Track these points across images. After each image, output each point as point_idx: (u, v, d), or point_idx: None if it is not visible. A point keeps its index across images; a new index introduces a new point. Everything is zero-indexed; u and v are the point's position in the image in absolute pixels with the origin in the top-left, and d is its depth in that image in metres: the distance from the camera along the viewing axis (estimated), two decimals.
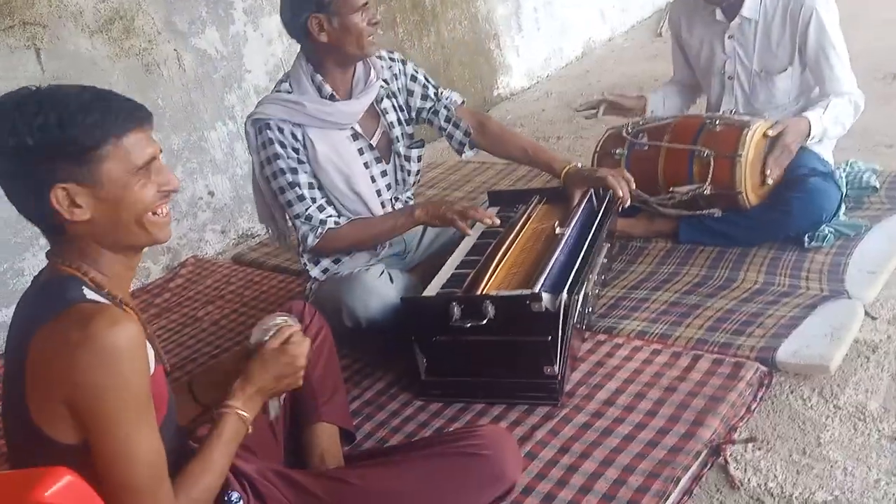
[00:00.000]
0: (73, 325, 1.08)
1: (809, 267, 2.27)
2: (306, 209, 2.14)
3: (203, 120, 3.38)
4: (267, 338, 1.41)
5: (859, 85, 2.48)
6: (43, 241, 2.92)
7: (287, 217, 2.25)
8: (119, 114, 1.15)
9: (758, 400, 1.87)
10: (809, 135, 2.34)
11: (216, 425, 1.29)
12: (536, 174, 3.32)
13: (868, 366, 1.93)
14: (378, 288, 2.08)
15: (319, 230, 2.15)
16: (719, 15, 2.53)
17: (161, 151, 1.26)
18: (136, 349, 1.11)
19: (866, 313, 2.07)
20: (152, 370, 1.19)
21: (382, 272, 2.16)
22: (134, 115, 1.17)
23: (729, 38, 2.54)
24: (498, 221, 2.08)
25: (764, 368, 1.92)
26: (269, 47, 3.61)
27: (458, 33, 4.59)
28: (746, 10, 2.46)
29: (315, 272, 2.27)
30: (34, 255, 2.88)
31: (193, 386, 1.53)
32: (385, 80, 2.29)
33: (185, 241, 3.36)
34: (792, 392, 1.89)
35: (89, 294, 1.16)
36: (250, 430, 1.33)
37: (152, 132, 1.24)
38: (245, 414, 1.31)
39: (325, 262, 2.28)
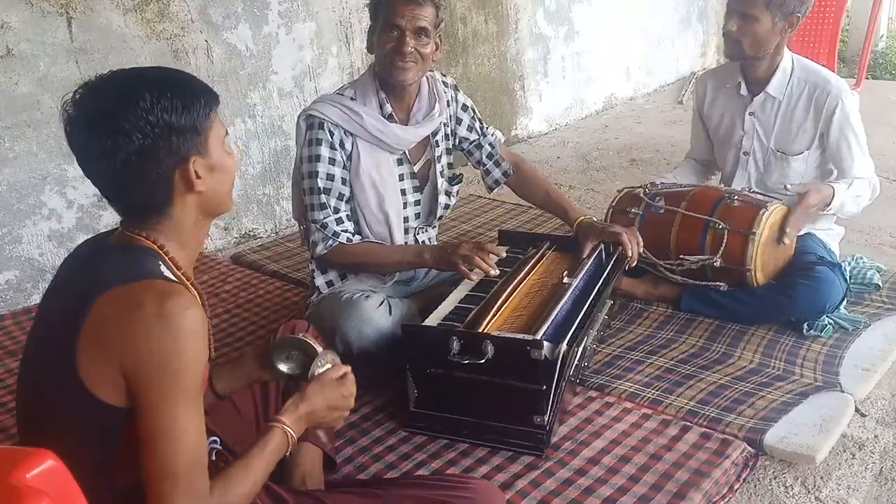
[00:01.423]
0: (149, 297, 1.10)
1: (806, 354, 2.28)
2: (325, 217, 2.13)
3: (223, 114, 3.30)
4: (325, 369, 1.42)
5: None
6: (46, 210, 2.92)
7: (306, 218, 2.22)
8: (210, 93, 1.24)
9: (741, 481, 1.85)
10: (829, 204, 2.36)
11: (263, 436, 1.28)
12: (546, 218, 3.32)
13: (853, 462, 1.93)
14: (375, 319, 2.06)
15: (331, 241, 2.13)
16: (743, 90, 2.56)
17: None
18: (202, 335, 1.14)
19: (857, 409, 2.08)
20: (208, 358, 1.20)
21: (383, 302, 2.14)
22: (215, 95, 1.25)
23: (750, 114, 2.57)
24: (497, 272, 2.05)
25: (751, 449, 1.91)
26: (300, 52, 3.62)
27: (485, 69, 4.63)
28: (772, 88, 2.50)
29: (319, 281, 2.25)
30: (34, 224, 2.85)
31: (213, 377, 1.52)
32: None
33: None
34: (775, 478, 1.88)
35: (166, 272, 1.18)
36: (288, 454, 1.33)
37: None
38: (292, 433, 1.31)
39: (332, 275, 2.25)
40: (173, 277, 1.18)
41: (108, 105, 1.14)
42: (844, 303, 2.41)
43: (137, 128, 1.13)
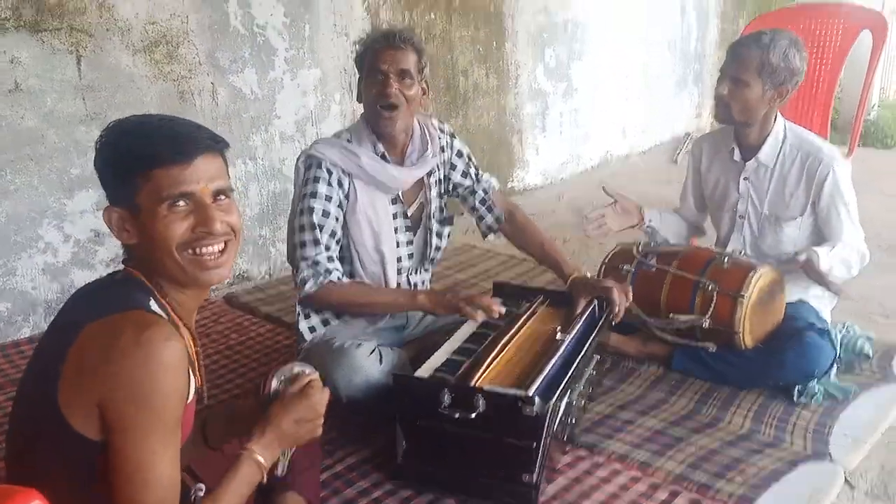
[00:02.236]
0: (128, 327, 1.10)
1: (796, 422, 2.27)
2: (316, 254, 2.12)
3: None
4: (281, 384, 1.40)
5: None
6: (42, 243, 2.92)
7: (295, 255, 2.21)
8: (162, 142, 1.18)
9: None
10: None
11: (232, 467, 1.26)
12: (541, 271, 3.34)
13: None
14: (365, 367, 2.05)
15: (322, 279, 2.11)
16: (737, 155, 2.60)
17: (221, 189, 1.28)
18: (181, 370, 1.13)
19: (846, 481, 2.06)
20: (189, 398, 1.19)
21: (374, 350, 2.13)
22: (180, 147, 1.19)
23: (744, 179, 2.61)
24: (503, 311, 2.09)
25: None
26: (303, 98, 3.67)
27: (484, 122, 4.70)
28: (763, 155, 2.54)
29: (303, 326, 2.24)
30: (30, 257, 2.85)
31: (207, 427, 1.50)
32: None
33: None
34: None
35: (154, 306, 1.18)
36: (265, 480, 1.30)
37: (215, 165, 1.26)
38: (261, 459, 1.29)
39: (315, 320, 2.24)
40: (160, 312, 1.18)
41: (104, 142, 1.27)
42: (835, 370, 2.41)
43: (98, 167, 1.27)
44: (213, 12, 3.27)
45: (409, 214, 2.28)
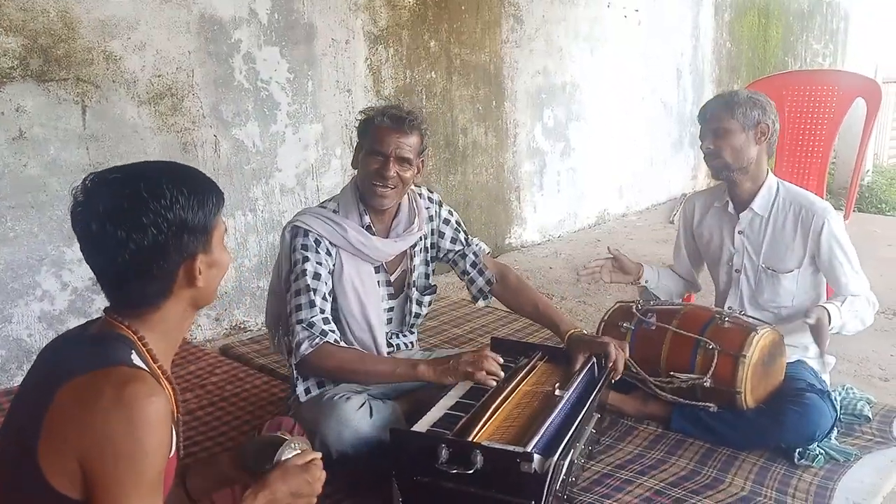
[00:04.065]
0: (109, 384, 1.08)
1: (797, 485, 2.24)
2: (312, 316, 2.11)
3: (225, 207, 3.41)
4: (290, 455, 1.38)
5: None
6: (39, 291, 2.91)
7: (289, 321, 2.20)
8: (219, 192, 1.28)
9: None
10: (830, 324, 2.36)
11: None
12: (536, 328, 3.32)
13: None
14: (354, 421, 2.04)
15: (317, 340, 2.09)
16: (731, 207, 2.63)
17: None
18: (165, 426, 1.11)
19: None
20: (172, 452, 1.17)
21: (363, 404, 2.11)
22: (222, 194, 1.28)
23: (739, 232, 2.63)
24: (502, 375, 2.08)
25: None
26: (304, 152, 3.72)
27: (482, 178, 4.76)
28: (757, 206, 2.57)
29: (299, 388, 2.22)
30: (27, 305, 2.84)
31: (187, 479, 1.47)
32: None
33: None
34: None
35: (136, 360, 1.16)
36: None
37: None
38: None
39: (310, 383, 2.22)
40: (142, 366, 1.16)
41: (129, 197, 1.16)
42: (835, 433, 2.39)
43: (154, 224, 1.16)
44: (218, 67, 3.33)
45: (391, 282, 2.31)
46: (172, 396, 1.25)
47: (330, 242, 2.18)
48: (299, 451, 1.40)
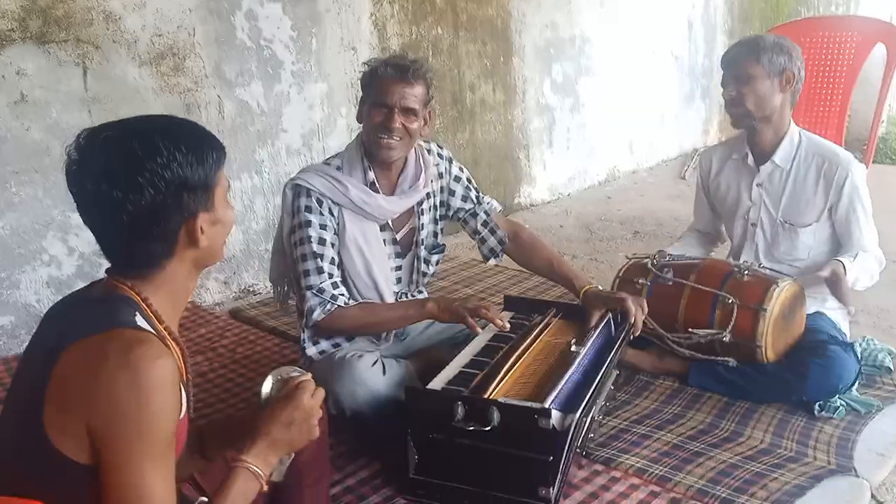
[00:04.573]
0: (114, 347, 1.05)
1: (818, 436, 2.21)
2: (321, 282, 2.09)
3: (230, 169, 3.37)
4: (270, 390, 1.34)
5: None
6: (46, 256, 2.88)
7: (299, 286, 2.18)
8: (220, 147, 1.22)
9: None
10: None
11: (225, 481, 1.21)
12: (549, 286, 3.29)
13: None
14: (368, 379, 2.02)
15: (329, 306, 2.08)
16: (750, 160, 2.56)
17: None
18: (172, 387, 1.08)
19: (873, 496, 2.00)
20: (182, 414, 1.14)
21: (376, 362, 2.09)
22: (224, 149, 1.23)
23: (757, 185, 2.56)
24: (508, 326, 2.05)
25: None
26: (310, 112, 3.65)
27: (491, 136, 4.68)
28: (778, 158, 2.50)
29: (312, 351, 2.19)
30: (34, 270, 2.81)
31: (203, 439, 1.45)
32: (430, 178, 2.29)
33: None
34: None
35: (140, 321, 1.12)
36: (265, 489, 1.25)
37: None
38: (256, 469, 1.23)
39: (325, 345, 2.20)
40: (147, 327, 1.13)
41: (123, 157, 1.11)
42: (856, 384, 2.35)
43: (151, 183, 1.11)
44: (219, 25, 3.25)
45: (398, 240, 2.25)
46: (180, 357, 1.21)
47: (332, 201, 2.12)
48: (280, 383, 1.35)
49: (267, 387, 1.35)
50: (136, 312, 1.14)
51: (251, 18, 3.36)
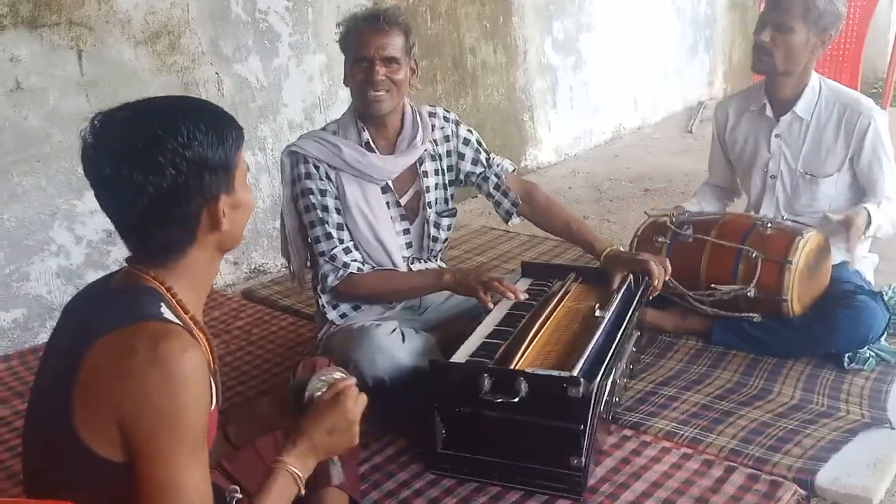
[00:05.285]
0: (142, 342, 1.02)
1: (849, 389, 2.18)
2: (332, 248, 2.09)
3: None
4: (319, 393, 1.32)
5: None
6: (54, 246, 2.83)
7: (308, 255, 2.19)
8: (238, 127, 1.19)
9: None
10: (868, 226, 2.27)
11: (266, 480, 1.20)
12: (564, 248, 3.24)
13: None
14: (387, 346, 2.00)
15: (342, 272, 2.09)
16: (769, 111, 2.49)
17: None
18: (202, 380, 1.06)
19: None
20: (213, 405, 1.12)
21: (395, 329, 2.07)
22: (241, 129, 1.20)
23: (776, 136, 2.49)
24: (522, 297, 2.01)
25: (802, 492, 1.80)
26: (310, 84, 3.57)
27: (494, 100, 4.59)
28: (800, 109, 2.43)
29: (332, 315, 2.18)
30: (42, 261, 2.77)
31: (228, 426, 1.44)
32: (435, 141, 2.24)
33: None
34: None
35: (166, 313, 1.09)
36: (303, 491, 1.23)
37: None
38: (296, 471, 1.21)
39: (345, 307, 2.19)
40: (174, 319, 1.09)
41: (143, 136, 1.07)
42: (885, 334, 2.31)
43: (172, 163, 1.07)
44: (213, 0, 3.16)
45: (402, 203, 2.21)
46: (207, 347, 1.18)
47: (328, 165, 2.10)
48: (325, 385, 1.32)
49: (312, 389, 1.32)
50: (162, 303, 1.10)
51: None
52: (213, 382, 1.14)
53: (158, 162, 1.06)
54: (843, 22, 2.33)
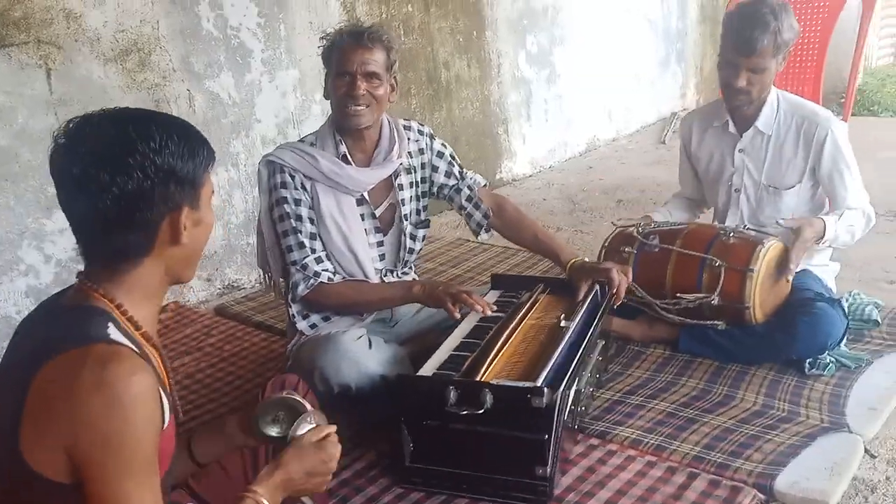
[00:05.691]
0: (88, 366, 1.01)
1: (809, 395, 2.22)
2: (304, 257, 2.11)
3: None
4: (305, 430, 1.34)
5: None
6: (23, 266, 2.81)
7: (284, 262, 2.20)
8: (210, 148, 1.20)
9: None
10: (823, 237, 2.32)
11: None
12: (537, 260, 3.28)
13: None
14: (352, 352, 2.01)
15: (312, 281, 2.11)
16: (731, 127, 2.54)
17: None
18: (151, 402, 1.05)
19: (866, 450, 2.01)
20: (166, 423, 1.11)
21: (361, 336, 2.09)
22: (213, 151, 1.22)
23: (739, 151, 2.55)
24: (490, 312, 2.03)
25: (761, 496, 1.83)
26: (283, 100, 3.59)
27: (468, 113, 4.63)
28: (761, 124, 2.48)
29: (302, 325, 2.20)
30: (11, 281, 2.75)
31: (193, 444, 1.43)
32: (410, 153, 2.27)
33: None
34: None
35: (114, 333, 1.08)
36: None
37: None
38: (265, 502, 1.22)
39: (315, 318, 2.21)
40: (122, 339, 1.09)
41: (115, 137, 1.08)
42: (845, 340, 2.36)
43: (141, 167, 1.07)
44: (184, 16, 3.18)
45: (377, 215, 2.24)
46: (160, 362, 1.18)
47: (304, 175, 2.13)
48: (314, 426, 1.35)
49: (303, 429, 1.34)
50: (110, 323, 1.10)
51: (216, 7, 3.29)
52: (165, 400, 1.14)
53: (127, 163, 1.07)
54: (797, 27, 2.38)
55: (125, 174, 1.07)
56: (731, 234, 2.35)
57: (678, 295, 2.37)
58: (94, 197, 1.08)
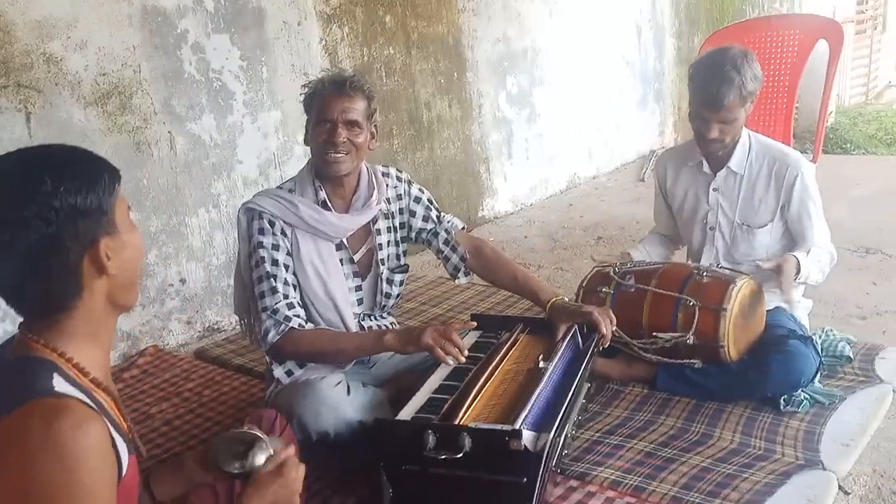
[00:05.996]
0: (34, 423, 0.99)
1: (785, 432, 2.24)
2: (275, 303, 2.09)
3: (186, 205, 3.33)
4: (262, 461, 1.32)
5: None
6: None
7: (256, 309, 2.18)
8: (111, 168, 1.16)
9: None
10: (799, 272, 2.36)
11: None
12: (516, 300, 3.30)
13: None
14: (331, 399, 2.01)
15: (283, 327, 2.08)
16: (705, 167, 2.60)
17: None
18: (102, 453, 1.03)
19: (840, 487, 2.03)
20: (125, 468, 1.09)
21: (339, 382, 2.09)
22: (116, 169, 1.18)
23: (713, 190, 2.60)
24: (463, 360, 2.00)
25: None
26: (265, 141, 3.63)
27: (450, 152, 4.69)
28: (734, 164, 2.54)
29: (278, 372, 2.18)
30: None
31: (152, 482, 1.41)
32: (388, 199, 2.30)
33: (147, 329, 3.22)
34: None
35: (59, 385, 1.06)
36: None
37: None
38: None
39: (291, 364, 2.19)
40: (68, 390, 1.06)
41: (4, 192, 1.05)
42: (818, 377, 2.39)
43: (39, 216, 1.04)
44: (166, 60, 3.22)
45: (355, 260, 2.26)
46: (113, 406, 1.16)
47: (284, 222, 2.15)
48: (271, 453, 1.33)
49: (260, 459, 1.32)
50: (54, 374, 1.07)
51: (198, 51, 3.33)
52: (121, 445, 1.11)
53: (24, 217, 1.04)
54: (761, 75, 2.45)
55: (25, 228, 1.04)
56: (705, 273, 2.39)
57: (654, 334, 2.40)
58: (1, 259, 1.06)
